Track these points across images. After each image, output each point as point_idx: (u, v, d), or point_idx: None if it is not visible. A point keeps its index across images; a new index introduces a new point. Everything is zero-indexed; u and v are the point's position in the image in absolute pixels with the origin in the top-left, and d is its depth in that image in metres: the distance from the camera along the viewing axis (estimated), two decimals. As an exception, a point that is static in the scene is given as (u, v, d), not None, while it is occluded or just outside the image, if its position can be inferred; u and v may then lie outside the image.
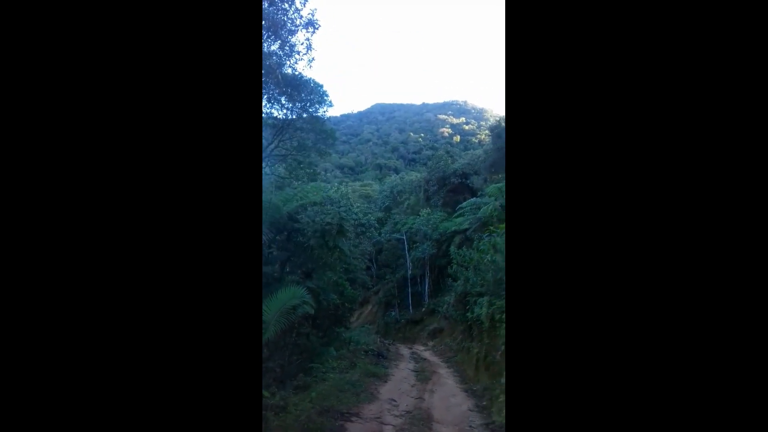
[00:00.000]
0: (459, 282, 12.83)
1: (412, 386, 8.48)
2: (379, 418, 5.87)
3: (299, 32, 8.93)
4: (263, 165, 11.03)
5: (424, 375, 9.72)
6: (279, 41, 8.87)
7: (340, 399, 6.36)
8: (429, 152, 52.84)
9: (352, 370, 8.71)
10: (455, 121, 70.91)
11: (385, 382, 8.57)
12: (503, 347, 7.74)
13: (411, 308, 21.63)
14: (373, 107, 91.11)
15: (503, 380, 6.84)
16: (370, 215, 21.76)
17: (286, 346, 7.29)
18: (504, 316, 7.48)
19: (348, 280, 12.61)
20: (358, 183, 40.92)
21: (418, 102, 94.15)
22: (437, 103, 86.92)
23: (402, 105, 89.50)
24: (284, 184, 12.60)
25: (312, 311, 6.77)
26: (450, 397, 7.71)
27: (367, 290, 22.99)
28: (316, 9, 8.90)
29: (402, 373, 9.87)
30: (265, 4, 8.03)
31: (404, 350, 14.26)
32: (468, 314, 11.09)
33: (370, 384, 7.99)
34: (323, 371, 7.85)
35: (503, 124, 21.59)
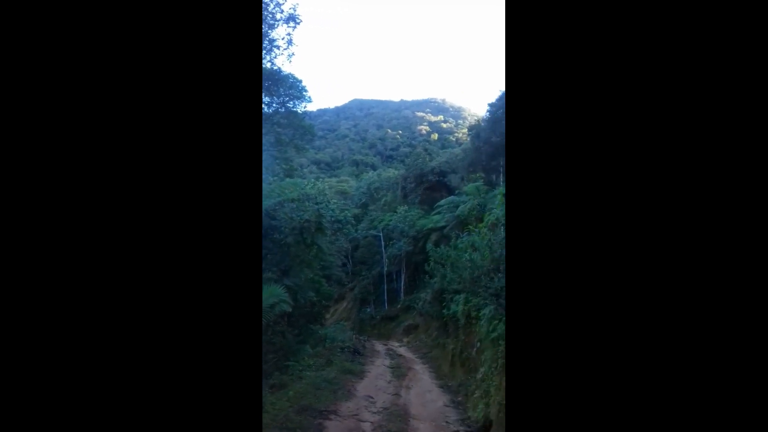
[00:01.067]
0: (436, 279, 12.98)
1: (389, 383, 8.56)
2: (356, 415, 5.90)
3: (280, 26, 8.77)
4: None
5: (399, 371, 9.81)
6: (257, 33, 8.67)
7: (317, 397, 6.34)
8: (407, 149, 53.04)
9: (329, 368, 8.70)
10: (433, 119, 71.38)
11: (362, 378, 8.60)
12: (479, 344, 7.91)
13: (386, 305, 21.75)
14: (350, 102, 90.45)
15: (479, 376, 7.00)
16: (346, 212, 21.66)
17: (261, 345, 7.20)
18: (479, 314, 7.64)
19: (324, 276, 12.56)
20: (334, 179, 40.66)
21: (396, 99, 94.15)
22: (416, 100, 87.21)
23: (380, 101, 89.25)
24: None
25: (289, 309, 6.71)
26: (426, 393, 7.83)
27: (342, 287, 22.94)
28: (297, 4, 8.72)
29: (378, 369, 9.93)
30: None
31: (379, 347, 14.34)
32: (444, 311, 11.25)
33: (346, 381, 8.00)
34: (299, 369, 7.81)
35: (482, 123, 21.94)
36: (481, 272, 8.47)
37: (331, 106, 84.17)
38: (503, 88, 17.77)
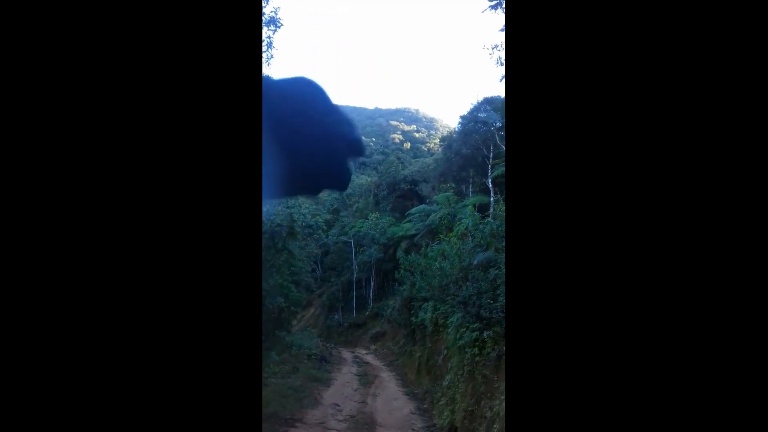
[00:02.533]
0: (405, 287, 13.10)
1: (355, 390, 8.53)
2: (323, 423, 5.85)
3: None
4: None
5: (366, 379, 9.80)
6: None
7: (283, 405, 6.24)
8: (380, 157, 53.31)
9: (295, 375, 8.59)
10: (407, 128, 72.24)
11: (328, 386, 8.54)
12: (446, 351, 8.03)
13: (355, 312, 21.64)
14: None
15: (445, 383, 7.10)
16: (318, 217, 21.49)
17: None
18: (446, 322, 7.77)
19: (293, 282, 12.36)
20: (306, 183, 40.10)
21: (370, 106, 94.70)
22: (389, 108, 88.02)
23: (355, 108, 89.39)
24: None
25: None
26: (392, 401, 7.86)
27: (310, 293, 22.63)
28: (279, 7, 8.66)
29: (345, 377, 9.88)
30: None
31: (347, 354, 14.26)
32: (412, 318, 11.35)
33: (313, 389, 7.92)
34: (265, 376, 7.64)
35: (454, 135, 22.43)
36: (450, 280, 8.66)
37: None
38: (474, 102, 18.28)
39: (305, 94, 0.85)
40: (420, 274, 11.32)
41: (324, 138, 0.83)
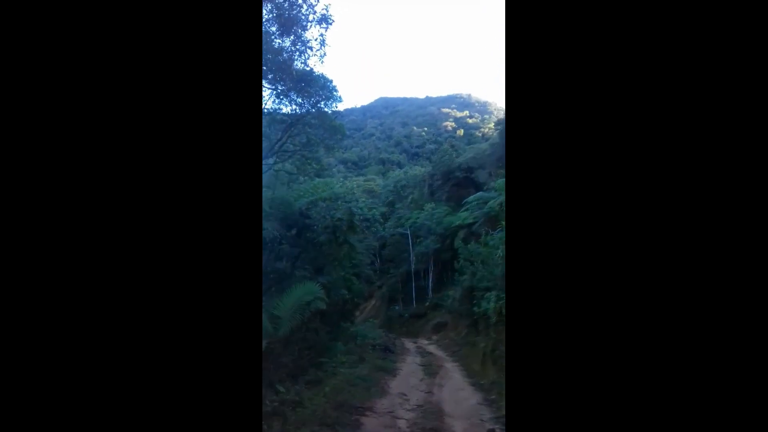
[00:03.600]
0: (465, 276, 12.90)
1: (421, 380, 8.59)
2: (392, 412, 5.96)
3: (313, 27, 8.91)
4: (273, 161, 11.04)
5: (431, 369, 9.83)
6: (292, 36, 8.84)
7: (352, 393, 6.45)
8: (432, 146, 52.66)
9: (362, 365, 8.82)
10: (459, 114, 70.51)
11: (394, 376, 8.67)
12: (512, 343, 7.80)
13: (414, 303, 21.75)
14: (376, 101, 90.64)
15: (513, 376, 6.92)
16: (374, 210, 21.74)
17: (296, 342, 7.39)
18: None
19: (354, 275, 12.71)
20: (361, 178, 40.91)
21: (421, 95, 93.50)
22: (440, 96, 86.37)
23: (405, 99, 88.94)
24: (291, 180, 12.62)
25: (324, 306, 6.85)
26: (458, 391, 7.81)
27: (371, 285, 23.11)
28: (330, 4, 8.80)
29: (409, 367, 9.98)
30: (280, -1, 8.01)
31: (409, 344, 14.39)
32: (474, 309, 11.17)
33: (379, 378, 8.09)
34: (333, 366, 7.96)
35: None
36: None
37: (358, 105, 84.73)
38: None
39: None
40: (481, 263, 11.08)
41: None
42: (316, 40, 9.24)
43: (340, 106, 13.05)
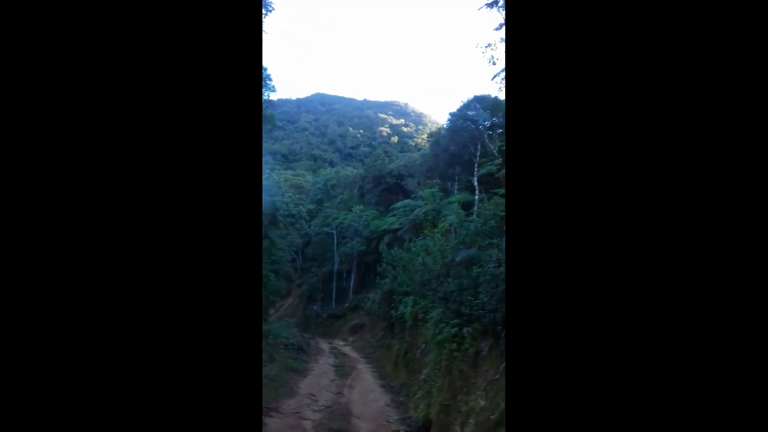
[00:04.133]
0: (386, 280, 13.12)
1: (332, 381, 8.51)
2: (298, 413, 5.81)
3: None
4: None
5: (343, 370, 9.79)
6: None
7: (258, 394, 6.16)
8: (366, 149, 52.99)
9: (271, 364, 8.50)
10: (395, 121, 71.96)
11: (305, 376, 8.49)
12: (424, 345, 8.09)
13: (334, 303, 21.60)
14: (312, 96, 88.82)
15: (421, 377, 7.15)
16: (301, 206, 21.23)
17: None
18: (426, 316, 7.82)
19: (272, 271, 12.22)
20: (290, 172, 39.71)
21: (359, 97, 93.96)
22: (378, 101, 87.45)
23: (343, 98, 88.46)
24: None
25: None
26: (368, 393, 7.87)
27: (290, 282, 22.46)
28: (268, -10, 8.41)
29: (322, 368, 9.85)
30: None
31: (324, 345, 14.22)
32: (392, 312, 11.39)
33: (289, 378, 7.86)
34: (241, 364, 7.53)
35: (442, 132, 22.46)
36: (432, 276, 8.70)
37: (293, 97, 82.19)
38: (464, 99, 18.31)
39: None
40: (402, 268, 11.35)
41: None
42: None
43: (273, 96, 12.55)
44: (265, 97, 10.87)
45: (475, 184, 15.21)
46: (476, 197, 14.39)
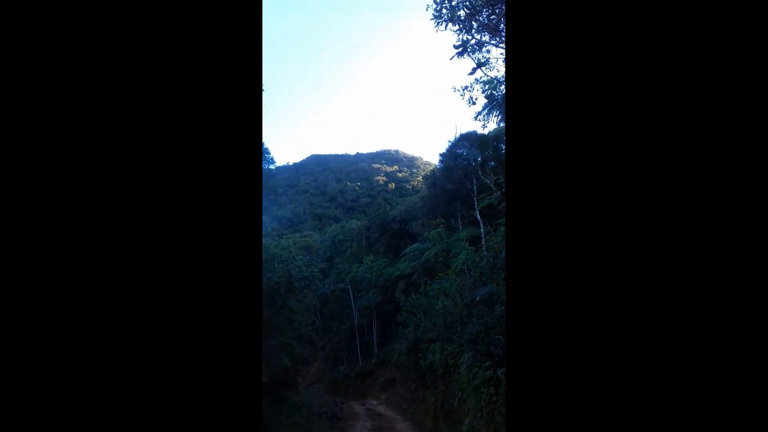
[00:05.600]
0: (409, 329, 12.88)
1: (373, 447, 8.14)
2: (345, 488, 5.54)
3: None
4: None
5: (382, 433, 9.38)
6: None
7: (301, 474, 5.92)
8: (366, 200, 53.83)
9: (308, 438, 8.18)
10: (389, 169, 73.72)
11: (344, 446, 8.14)
12: (460, 393, 7.83)
13: (360, 360, 20.98)
14: (308, 158, 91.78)
15: (464, 428, 6.87)
16: (313, 267, 21.20)
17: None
18: (457, 362, 7.65)
19: (295, 338, 12.08)
20: (297, 234, 40.12)
21: (352, 152, 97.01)
22: (371, 152, 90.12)
23: (337, 155, 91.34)
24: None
25: (265, 380, 6.39)
26: (412, 454, 7.50)
27: (313, 347, 21.95)
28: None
29: (360, 433, 9.45)
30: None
31: (357, 407, 13.67)
32: (421, 362, 11.08)
33: (329, 451, 7.53)
34: (279, 444, 7.29)
35: (437, 172, 22.99)
36: (455, 318, 8.60)
37: (290, 162, 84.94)
38: (451, 139, 18.88)
39: None
40: (423, 314, 11.20)
41: None
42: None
43: (272, 166, 13.10)
44: (265, 168, 11.33)
45: (478, 217, 15.35)
46: (482, 230, 14.47)
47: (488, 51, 8.64)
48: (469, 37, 8.28)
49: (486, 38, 8.42)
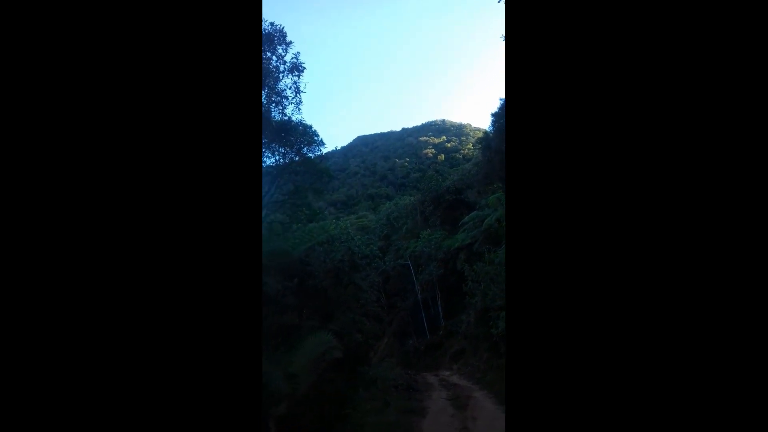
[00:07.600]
0: (477, 298, 12.61)
1: (452, 416, 8.13)
2: (431, 458, 5.54)
3: (285, 77, 9.10)
4: (264, 214, 10.93)
5: (459, 402, 9.34)
6: (266, 89, 8.99)
7: (386, 444, 6.03)
8: (417, 174, 53.41)
9: (387, 409, 8.35)
10: (436, 140, 72.19)
11: (423, 416, 8.21)
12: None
13: (428, 333, 21.16)
14: (355, 140, 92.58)
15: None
16: (372, 246, 21.59)
17: (316, 398, 6.97)
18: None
19: (363, 315, 12.35)
20: (353, 216, 40.98)
21: (397, 128, 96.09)
22: (416, 126, 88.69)
23: (383, 133, 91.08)
24: (285, 229, 12.49)
25: (341, 355, 6.52)
26: (494, 422, 7.37)
27: (380, 322, 22.55)
28: (299, 52, 9.02)
29: (437, 404, 9.49)
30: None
31: (431, 378, 13.81)
32: (492, 330, 10.82)
33: (410, 421, 7.64)
34: (359, 416, 7.51)
35: (490, 135, 21.98)
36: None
37: (338, 146, 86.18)
38: (502, 96, 17.90)
39: None
40: (490, 282, 10.85)
41: None
42: (290, 88, 9.41)
43: (323, 149, 13.20)
44: (317, 152, 11.45)
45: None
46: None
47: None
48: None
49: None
